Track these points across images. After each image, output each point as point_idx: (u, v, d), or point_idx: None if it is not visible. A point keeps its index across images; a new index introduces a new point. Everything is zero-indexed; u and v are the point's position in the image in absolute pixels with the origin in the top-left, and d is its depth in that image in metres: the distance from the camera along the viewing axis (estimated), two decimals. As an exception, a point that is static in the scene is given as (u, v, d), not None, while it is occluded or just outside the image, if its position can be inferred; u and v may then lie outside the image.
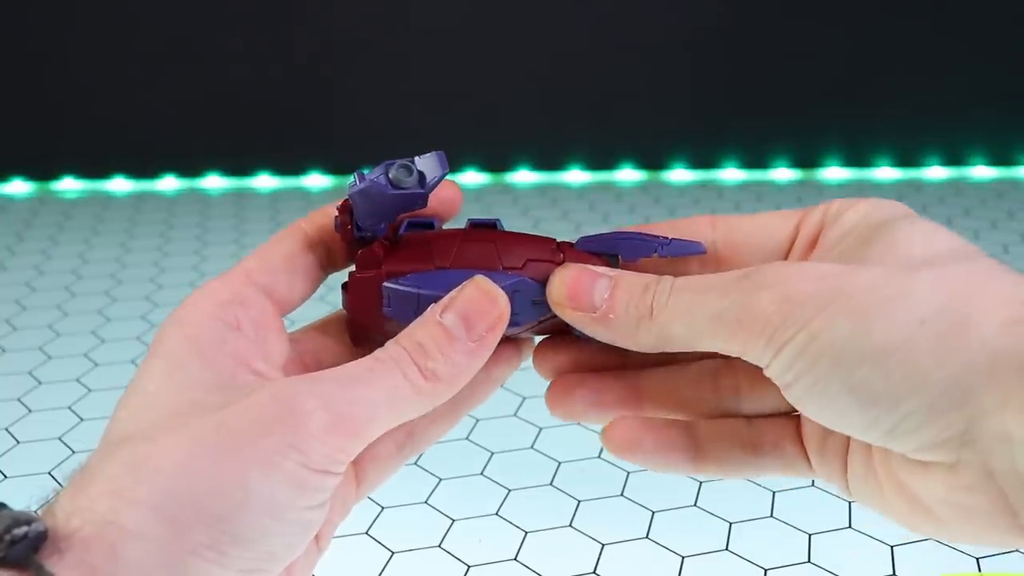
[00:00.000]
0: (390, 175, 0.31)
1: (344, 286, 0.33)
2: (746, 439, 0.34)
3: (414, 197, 0.31)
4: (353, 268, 0.33)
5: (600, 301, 0.30)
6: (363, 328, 0.33)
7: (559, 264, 0.32)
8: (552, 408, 0.35)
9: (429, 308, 0.29)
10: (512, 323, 0.31)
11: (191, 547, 0.24)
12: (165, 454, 0.25)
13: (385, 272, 0.32)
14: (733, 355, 0.29)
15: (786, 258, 0.33)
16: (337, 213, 0.32)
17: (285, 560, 0.27)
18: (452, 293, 0.29)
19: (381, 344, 0.32)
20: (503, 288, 0.30)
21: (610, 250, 0.32)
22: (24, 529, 0.23)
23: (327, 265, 0.34)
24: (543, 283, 0.31)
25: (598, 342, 0.32)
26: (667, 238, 0.32)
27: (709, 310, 0.28)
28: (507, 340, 0.34)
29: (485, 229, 0.33)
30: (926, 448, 0.26)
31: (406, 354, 0.28)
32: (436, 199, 0.34)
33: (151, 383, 0.28)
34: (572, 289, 0.30)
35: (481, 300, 0.29)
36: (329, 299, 1.34)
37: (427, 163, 0.32)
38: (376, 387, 0.28)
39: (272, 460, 0.25)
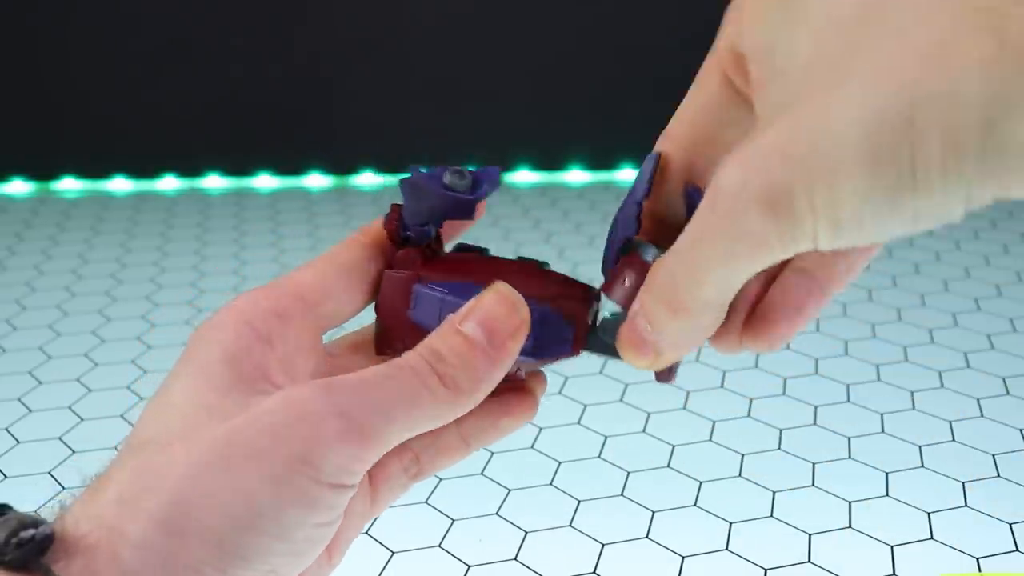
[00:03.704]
0: (445, 177, 0.31)
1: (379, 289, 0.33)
2: None
3: (462, 202, 0.31)
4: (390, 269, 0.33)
5: (649, 337, 0.27)
6: (387, 331, 0.33)
7: (590, 305, 0.32)
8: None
9: (448, 317, 0.29)
10: (534, 354, 0.30)
11: (190, 562, 0.24)
12: (173, 464, 0.25)
13: (419, 275, 0.32)
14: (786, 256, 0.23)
15: None
16: (388, 213, 0.33)
17: None
18: (471, 301, 0.29)
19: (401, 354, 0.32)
20: (532, 313, 0.30)
21: None
22: (31, 532, 0.23)
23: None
24: (570, 320, 0.31)
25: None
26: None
27: (717, 244, 0.23)
28: (520, 391, 0.34)
29: (532, 263, 0.33)
30: None
31: (424, 362, 0.27)
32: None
33: (176, 385, 0.28)
34: (629, 341, 0.28)
35: (502, 305, 0.28)
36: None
37: (482, 174, 0.32)
38: (393, 393, 0.27)
39: (281, 476, 0.25)
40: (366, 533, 1.18)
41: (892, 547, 1.15)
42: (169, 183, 2.64)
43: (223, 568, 0.25)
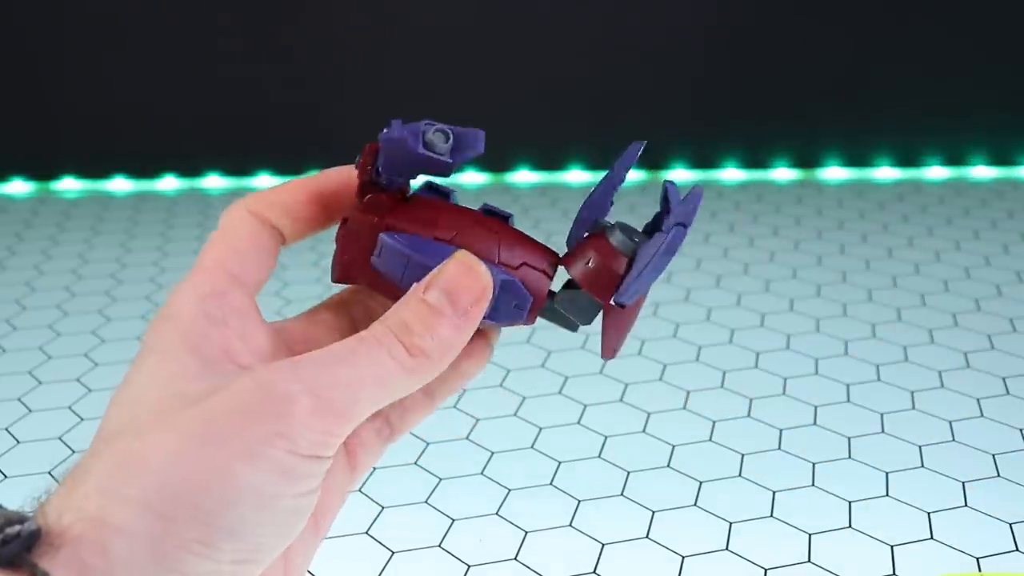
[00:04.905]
0: (426, 135, 0.31)
1: (344, 220, 0.33)
2: None
3: (440, 164, 0.31)
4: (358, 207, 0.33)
5: None
6: (348, 264, 0.33)
7: (552, 276, 0.33)
8: None
9: (412, 286, 0.30)
10: (490, 316, 0.31)
11: (180, 542, 0.24)
12: (153, 450, 0.25)
13: (386, 223, 0.32)
14: None
15: None
16: (362, 155, 0.33)
17: (277, 550, 0.27)
18: (435, 270, 0.29)
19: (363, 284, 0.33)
20: (495, 280, 0.30)
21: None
22: (17, 528, 0.23)
23: (282, 242, 0.34)
24: (531, 291, 0.32)
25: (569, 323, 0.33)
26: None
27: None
28: (478, 334, 0.34)
29: (496, 219, 0.33)
30: None
31: (390, 332, 0.28)
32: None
33: (140, 378, 0.28)
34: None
35: (464, 274, 0.29)
36: (325, 281, 1.33)
37: (465, 137, 0.32)
38: (361, 367, 0.27)
39: (258, 450, 0.25)
40: (366, 533, 1.18)
41: (892, 547, 1.15)
42: (169, 183, 2.64)
43: (214, 544, 0.25)
